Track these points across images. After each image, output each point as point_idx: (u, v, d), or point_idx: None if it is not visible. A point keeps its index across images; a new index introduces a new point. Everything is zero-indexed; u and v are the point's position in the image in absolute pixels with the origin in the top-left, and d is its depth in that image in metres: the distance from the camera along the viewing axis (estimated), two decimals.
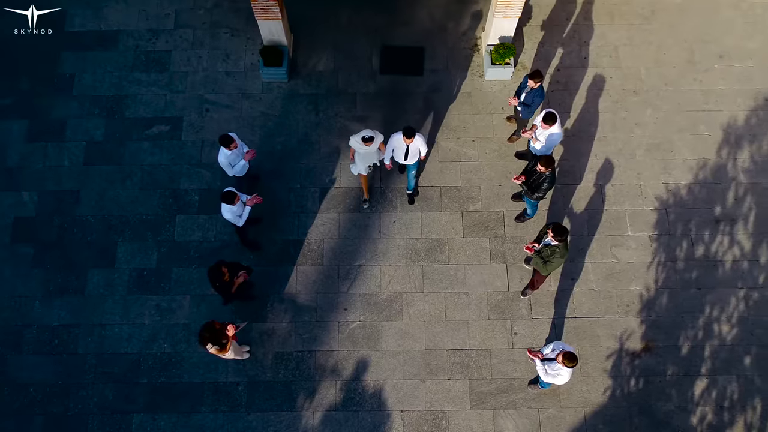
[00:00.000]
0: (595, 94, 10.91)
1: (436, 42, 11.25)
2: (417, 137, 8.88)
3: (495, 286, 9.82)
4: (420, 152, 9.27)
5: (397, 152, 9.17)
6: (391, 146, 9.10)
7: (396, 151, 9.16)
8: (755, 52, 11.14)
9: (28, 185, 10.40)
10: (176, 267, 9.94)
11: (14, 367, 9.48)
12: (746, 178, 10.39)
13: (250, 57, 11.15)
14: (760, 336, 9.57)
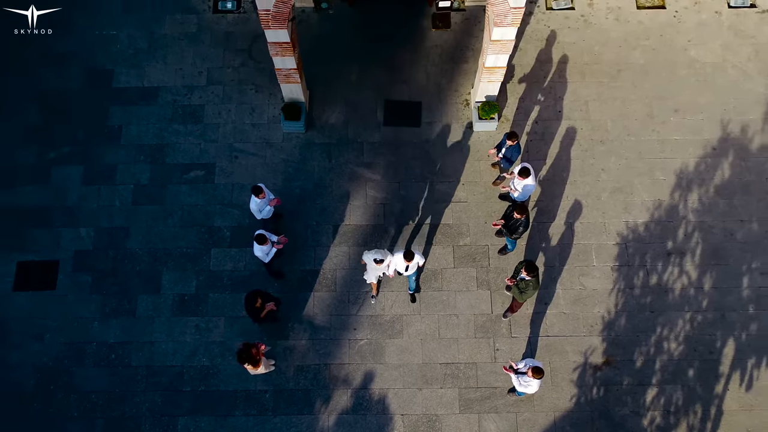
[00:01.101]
0: (567, 143, 12.76)
1: (432, 97, 13.10)
2: (416, 256, 10.26)
3: (480, 310, 11.68)
4: (419, 264, 10.67)
5: (399, 267, 10.58)
6: (394, 263, 10.52)
7: (398, 266, 10.58)
8: (705, 106, 12.99)
9: (85, 222, 12.26)
10: (212, 293, 11.81)
11: (78, 378, 11.35)
12: (694, 216, 12.23)
13: (272, 110, 13.01)
14: (701, 352, 11.43)
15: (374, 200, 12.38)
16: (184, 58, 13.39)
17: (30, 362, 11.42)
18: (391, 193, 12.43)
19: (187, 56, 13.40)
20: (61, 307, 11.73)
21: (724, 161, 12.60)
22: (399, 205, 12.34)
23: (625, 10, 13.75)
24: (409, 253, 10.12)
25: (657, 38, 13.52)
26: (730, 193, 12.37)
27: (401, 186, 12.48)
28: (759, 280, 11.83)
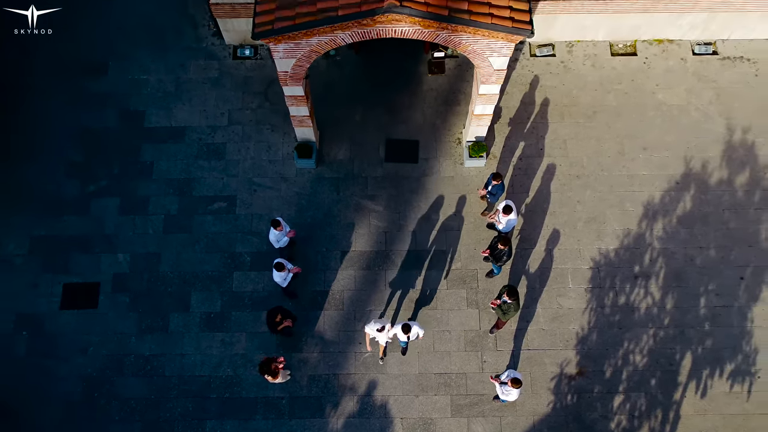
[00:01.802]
0: (548, 177, 14.42)
1: (428, 136, 14.76)
2: (413, 328, 11.61)
3: (470, 326, 13.33)
4: (418, 335, 11.98)
5: (400, 338, 11.95)
6: (393, 333, 11.92)
7: (399, 337, 11.95)
8: (671, 144, 14.64)
9: (122, 249, 13.91)
10: (235, 311, 13.47)
11: (119, 386, 13.01)
12: (659, 244, 13.89)
13: (286, 148, 14.66)
14: (663, 364, 13.08)
15: (377, 229, 14.04)
16: (208, 101, 15.05)
17: (76, 373, 13.08)
18: (392, 222, 14.09)
19: (210, 99, 15.06)
20: (102, 324, 13.39)
21: (686, 194, 14.25)
22: (399, 233, 14.00)
23: (601, 57, 15.41)
24: (406, 326, 11.42)
25: (629, 83, 15.18)
26: (691, 223, 14.02)
27: (401, 216, 14.14)
28: (714, 300, 13.49)
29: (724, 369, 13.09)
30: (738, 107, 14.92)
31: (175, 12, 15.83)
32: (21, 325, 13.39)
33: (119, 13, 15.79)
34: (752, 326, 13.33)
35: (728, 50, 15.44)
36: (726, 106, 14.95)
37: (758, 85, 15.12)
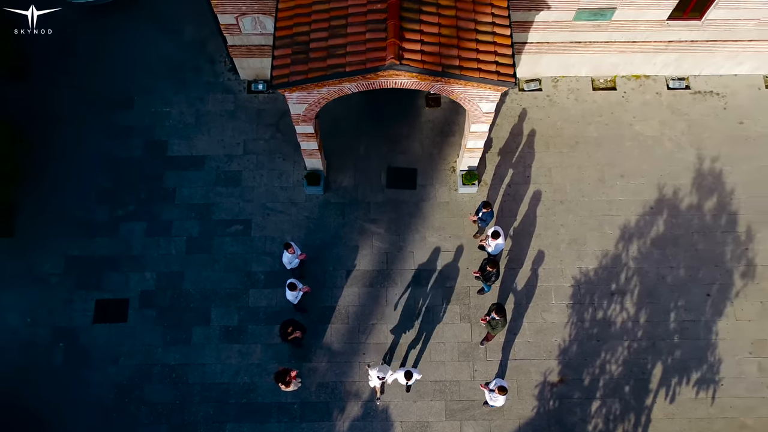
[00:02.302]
0: (534, 203, 15.88)
1: (425, 165, 16.22)
2: (414, 375, 12.83)
3: (463, 338, 14.80)
4: (417, 379, 13.28)
5: (401, 381, 13.12)
6: (394, 377, 13.31)
7: (399, 381, 13.18)
8: (646, 172, 16.11)
9: (148, 268, 15.38)
10: (251, 325, 14.94)
11: (147, 392, 14.48)
12: (634, 263, 15.36)
13: (296, 175, 16.13)
14: (636, 372, 14.55)
15: (379, 249, 15.51)
16: (225, 131, 16.52)
17: (108, 381, 14.56)
18: (393, 243, 15.55)
19: (227, 130, 16.53)
20: (131, 336, 14.86)
21: (659, 218, 15.72)
22: (399, 253, 15.46)
23: (583, 91, 16.88)
24: (408, 373, 12.76)
25: (608, 115, 16.65)
26: (663, 244, 15.49)
27: (400, 238, 15.60)
28: (683, 315, 14.96)
29: (690, 377, 14.56)
30: (707, 138, 16.39)
31: (194, 50, 17.31)
32: (58, 337, 14.87)
33: (143, 50, 17.26)
34: (717, 339, 14.80)
35: (700, 85, 16.91)
36: (696, 136, 16.42)
37: (726, 117, 16.59)
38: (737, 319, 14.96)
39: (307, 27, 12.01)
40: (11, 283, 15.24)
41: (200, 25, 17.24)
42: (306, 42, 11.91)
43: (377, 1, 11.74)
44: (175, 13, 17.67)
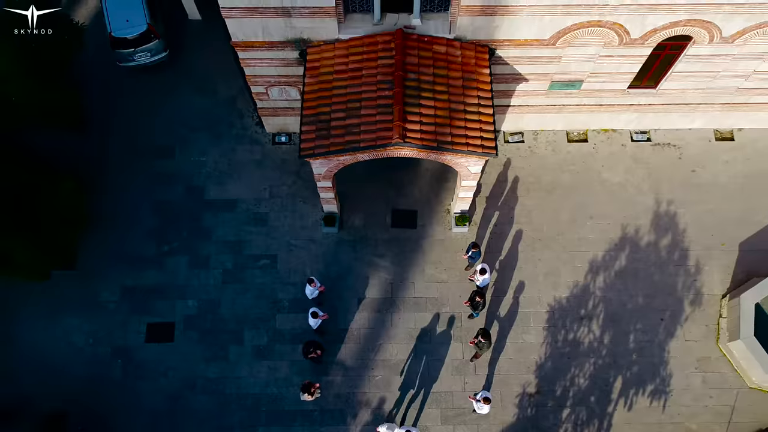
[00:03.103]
0: (516, 240, 18.74)
1: (424, 207, 19.08)
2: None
3: (455, 356, 17.65)
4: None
5: None
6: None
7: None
8: (612, 213, 18.96)
9: (190, 296, 18.24)
10: (278, 345, 17.80)
11: (191, 401, 17.35)
12: (600, 292, 18.21)
13: (315, 216, 18.98)
14: (600, 385, 17.42)
15: (385, 280, 18.37)
16: (253, 178, 19.38)
17: (159, 391, 17.43)
18: (397, 275, 18.41)
19: (255, 176, 19.39)
20: (177, 354, 17.73)
21: (622, 253, 18.58)
22: (402, 284, 18.33)
23: (559, 143, 19.74)
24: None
25: (581, 164, 19.51)
26: (625, 276, 18.35)
27: (404, 270, 18.46)
28: (640, 336, 17.82)
29: (645, 389, 17.43)
30: (664, 183, 19.26)
31: (226, 106, 20.17)
32: (116, 355, 17.74)
33: (182, 106, 20.12)
34: (668, 356, 17.67)
35: (659, 137, 19.77)
36: (655, 182, 19.27)
37: (680, 166, 19.45)
38: (686, 340, 17.83)
39: (328, 108, 14.88)
40: (75, 309, 18.10)
41: (230, 85, 20.09)
42: (328, 120, 14.79)
43: (386, 88, 14.60)
44: (208, 74, 20.52)
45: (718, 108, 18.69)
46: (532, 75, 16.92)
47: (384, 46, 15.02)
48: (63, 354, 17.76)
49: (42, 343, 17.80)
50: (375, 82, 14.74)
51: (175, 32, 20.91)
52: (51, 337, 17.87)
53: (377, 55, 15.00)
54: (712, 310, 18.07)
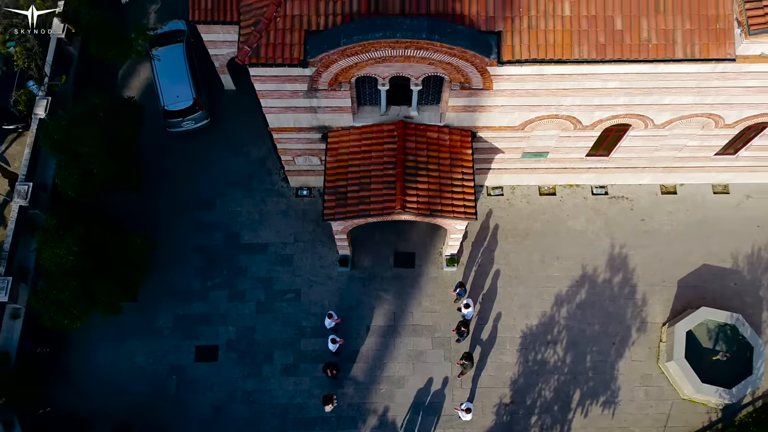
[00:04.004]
0: (495, 278, 22.93)
1: (421, 250, 23.27)
2: None
3: (445, 373, 21.84)
4: None
5: None
6: None
7: None
8: (574, 255, 23.15)
9: (231, 324, 22.43)
10: (302, 364, 21.99)
11: (233, 410, 21.54)
12: (563, 321, 22.40)
13: (331, 257, 23.16)
14: (562, 397, 21.61)
15: (389, 311, 22.55)
16: (280, 226, 23.57)
17: (207, 402, 21.62)
18: (398, 306, 22.60)
19: (281, 224, 23.58)
20: (221, 372, 21.92)
21: (582, 289, 22.77)
22: (402, 314, 22.51)
23: (533, 196, 23.92)
24: None
25: (550, 214, 23.70)
26: (585, 307, 22.54)
27: (404, 302, 22.65)
28: (596, 357, 22.01)
29: (599, 400, 21.62)
30: (618, 230, 23.45)
31: (257, 165, 24.37)
32: (171, 372, 21.94)
33: (220, 165, 24.30)
34: (618, 374, 21.86)
35: (615, 191, 23.97)
36: (611, 229, 23.47)
37: (632, 216, 23.65)
38: (632, 360, 22.03)
39: (345, 182, 19.07)
40: (137, 335, 22.30)
41: (260, 147, 24.30)
42: (345, 192, 18.97)
43: (390, 167, 18.78)
44: (241, 137, 24.71)
45: (661, 170, 22.90)
46: (507, 149, 21.12)
47: (389, 133, 19.23)
48: (127, 372, 21.96)
49: (110, 364, 22.00)
50: (382, 162, 18.95)
51: (214, 101, 25.11)
52: (117, 358, 22.07)
53: (383, 140, 19.21)
54: (654, 336, 22.28)
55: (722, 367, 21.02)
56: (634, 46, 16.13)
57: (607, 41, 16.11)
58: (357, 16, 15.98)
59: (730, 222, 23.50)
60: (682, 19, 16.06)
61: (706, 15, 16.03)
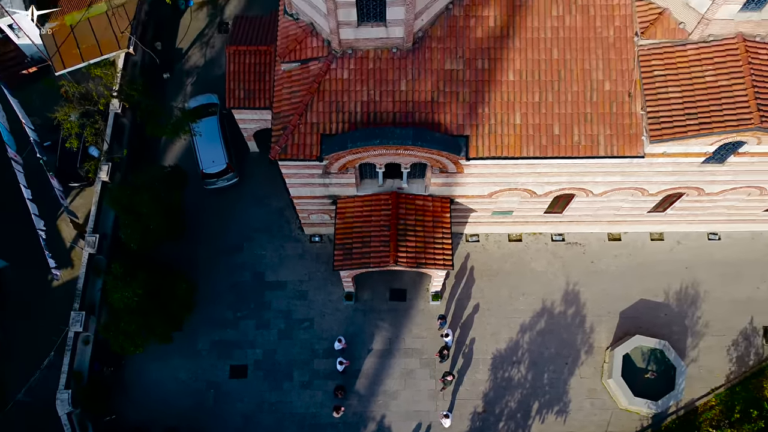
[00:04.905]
0: (472, 311, 28.24)
1: (411, 287, 28.59)
2: None
3: (430, 387, 27.16)
4: None
5: None
6: None
7: None
8: (536, 291, 28.47)
9: (258, 347, 27.76)
10: (316, 380, 27.33)
11: (260, 419, 26.87)
12: (526, 345, 27.71)
13: (339, 293, 28.47)
14: (525, 406, 26.94)
15: (385, 337, 27.87)
16: (297, 266, 28.90)
17: (238, 413, 26.96)
18: (393, 333, 27.92)
19: (298, 266, 28.91)
20: (250, 387, 27.26)
21: (542, 318, 28.10)
22: (396, 339, 27.83)
23: (503, 242, 29.25)
24: None
25: (517, 257, 29.03)
26: (544, 334, 27.85)
27: (397, 330, 27.97)
28: (552, 375, 27.33)
29: (553, 409, 26.94)
30: (572, 271, 28.77)
31: (277, 215, 29.70)
32: (209, 387, 27.28)
33: (247, 215, 29.63)
34: (569, 388, 27.19)
35: (570, 238, 29.29)
36: (566, 270, 28.79)
37: (584, 259, 28.98)
38: (581, 377, 27.36)
39: (351, 240, 24.39)
40: (181, 356, 27.63)
41: (279, 200, 29.58)
42: (350, 248, 24.29)
43: (386, 229, 24.09)
44: (264, 191, 30.03)
45: (606, 222, 28.22)
46: (480, 209, 26.46)
47: (384, 202, 24.56)
48: (173, 387, 27.30)
49: (159, 380, 27.34)
50: (379, 224, 24.28)
51: (241, 161, 30.45)
52: (165, 375, 27.41)
53: (381, 207, 24.54)
54: (599, 358, 27.60)
55: (651, 383, 26.34)
56: (568, 147, 21.45)
57: (548, 143, 21.44)
58: (360, 125, 21.33)
59: (664, 264, 28.83)
60: (604, 126, 21.40)
61: (622, 124, 21.36)
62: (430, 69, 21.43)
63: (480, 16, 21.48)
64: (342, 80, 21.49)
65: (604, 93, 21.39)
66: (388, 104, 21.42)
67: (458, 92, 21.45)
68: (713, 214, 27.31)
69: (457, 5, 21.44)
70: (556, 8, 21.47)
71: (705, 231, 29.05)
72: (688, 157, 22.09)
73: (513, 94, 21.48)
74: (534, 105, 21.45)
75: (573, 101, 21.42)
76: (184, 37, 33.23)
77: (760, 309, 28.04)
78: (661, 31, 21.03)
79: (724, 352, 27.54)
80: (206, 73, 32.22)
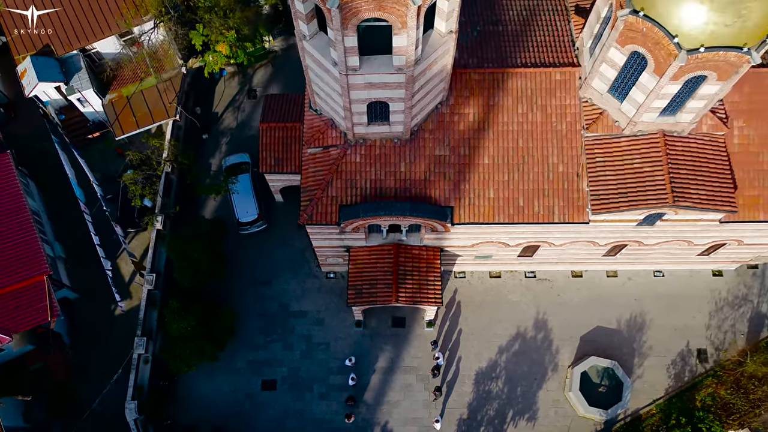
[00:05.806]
0: (458, 336, 34.50)
1: (410, 316, 34.85)
2: None
3: (425, 398, 33.43)
4: None
5: None
6: None
7: None
8: (512, 320, 34.72)
9: (285, 365, 34.06)
10: (331, 392, 33.63)
11: (287, 424, 33.16)
12: (504, 365, 33.98)
13: (350, 321, 34.73)
14: (501, 414, 33.20)
15: (389, 357, 34.13)
16: (316, 299, 35.19)
17: (270, 419, 33.25)
18: (394, 354, 34.18)
19: (317, 298, 35.19)
20: (279, 398, 33.57)
21: (516, 342, 34.36)
22: (397, 359, 34.09)
23: (485, 278, 35.52)
24: None
25: (496, 291, 35.30)
26: (518, 355, 34.10)
27: (398, 351, 34.23)
28: (524, 388, 33.59)
29: (525, 416, 33.21)
30: (542, 303, 35.03)
31: (299, 254, 35.98)
32: (246, 397, 33.59)
33: (274, 255, 35.90)
34: (538, 399, 33.44)
35: (541, 275, 35.55)
36: (537, 302, 35.05)
37: (552, 292, 35.23)
38: (547, 390, 33.63)
39: (361, 282, 30.66)
40: (223, 372, 33.94)
41: (301, 242, 35.86)
42: (361, 288, 30.56)
43: (389, 275, 30.33)
44: (287, 235, 36.31)
45: (569, 263, 34.49)
46: (465, 255, 32.76)
47: (388, 252, 30.83)
48: (217, 397, 33.61)
49: (206, 391, 33.66)
50: (384, 271, 30.56)
51: (269, 210, 36.74)
52: (210, 388, 33.73)
53: (385, 256, 30.81)
54: (562, 374, 33.87)
55: (604, 395, 32.59)
56: (530, 215, 27.71)
57: (515, 212, 27.71)
58: (369, 198, 27.62)
59: (617, 297, 35.09)
60: (558, 199, 27.65)
61: (572, 197, 27.62)
62: (423, 155, 27.71)
63: (462, 113, 27.74)
64: (355, 163, 27.77)
65: (558, 173, 27.64)
66: (390, 182, 27.70)
67: (445, 172, 27.72)
68: (656, 257, 33.57)
69: (445, 105, 27.71)
70: (522, 107, 27.72)
71: (651, 269, 35.33)
72: (624, 222, 28.38)
73: (488, 173, 27.75)
74: (504, 182, 27.71)
75: (534, 179, 27.67)
76: (218, 102, 39.55)
77: (694, 334, 34.32)
78: (601, 127, 27.29)
79: (664, 370, 33.81)
80: (239, 134, 38.54)
